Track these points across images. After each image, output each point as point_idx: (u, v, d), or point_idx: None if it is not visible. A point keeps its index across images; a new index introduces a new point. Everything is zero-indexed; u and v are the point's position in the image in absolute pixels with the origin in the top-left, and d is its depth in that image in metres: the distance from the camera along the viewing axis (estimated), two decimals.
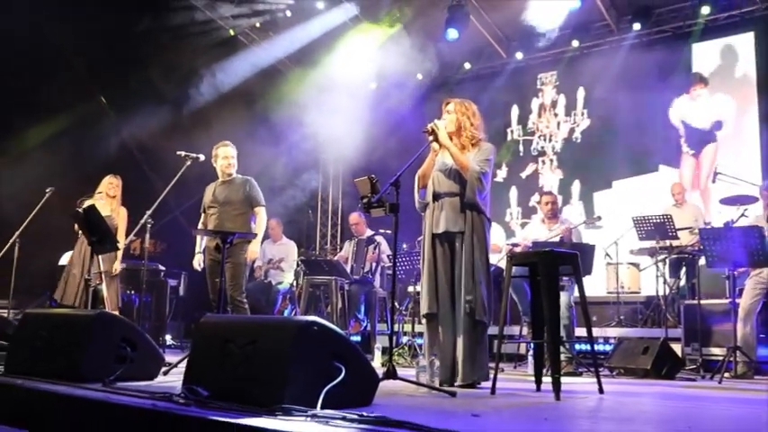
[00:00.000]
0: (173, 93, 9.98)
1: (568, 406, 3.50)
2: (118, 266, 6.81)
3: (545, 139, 11.44)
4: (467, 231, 4.45)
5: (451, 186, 4.56)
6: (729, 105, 9.88)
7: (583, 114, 11.07)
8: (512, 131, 11.71)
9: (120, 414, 2.86)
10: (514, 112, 11.73)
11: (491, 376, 4.13)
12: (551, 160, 11.32)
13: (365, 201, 4.16)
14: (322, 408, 2.65)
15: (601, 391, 4.07)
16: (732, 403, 4.07)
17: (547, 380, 4.00)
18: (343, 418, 2.46)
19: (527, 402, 3.70)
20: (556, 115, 11.38)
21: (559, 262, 4.00)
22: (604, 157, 10.56)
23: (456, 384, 4.30)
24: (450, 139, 4.61)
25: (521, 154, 11.61)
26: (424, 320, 4.58)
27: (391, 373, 3.88)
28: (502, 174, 11.65)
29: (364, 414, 2.49)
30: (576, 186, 10.98)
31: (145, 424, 2.74)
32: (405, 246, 8.12)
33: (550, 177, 11.26)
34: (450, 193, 4.55)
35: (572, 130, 11.17)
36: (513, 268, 4.38)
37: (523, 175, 11.52)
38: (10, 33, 7.64)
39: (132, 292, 8.19)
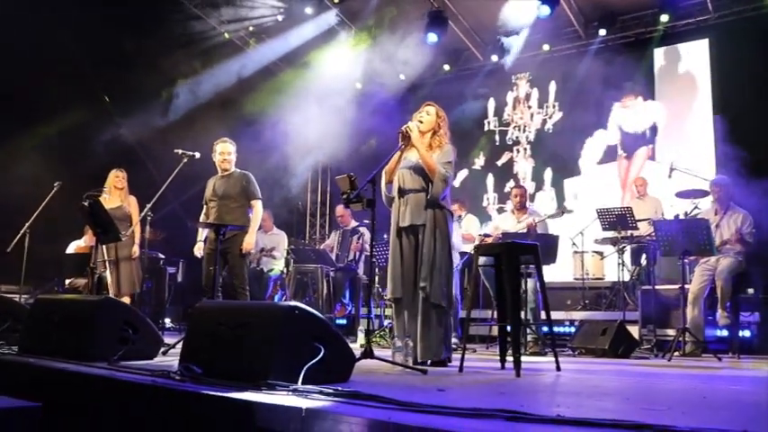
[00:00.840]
0: (171, 92, 10.10)
1: (527, 382, 3.67)
2: (136, 249, 6.90)
3: (519, 130, 11.62)
4: (429, 224, 4.60)
5: (416, 183, 4.69)
6: (662, 112, 10.27)
7: (554, 107, 11.27)
8: (488, 122, 11.87)
9: (123, 389, 3.02)
10: (491, 104, 11.89)
11: (448, 355, 4.34)
12: (525, 149, 11.52)
13: (345, 196, 4.32)
14: (303, 383, 2.79)
15: (558, 368, 4.26)
16: (673, 378, 4.26)
17: (511, 359, 4.17)
18: (320, 392, 2.61)
19: (490, 379, 3.87)
20: (529, 107, 11.58)
21: (520, 252, 4.17)
22: (574, 147, 10.80)
23: (418, 362, 4.43)
24: (423, 136, 4.78)
25: (497, 143, 11.79)
26: (392, 304, 4.76)
27: (368, 353, 4.04)
28: (480, 162, 11.89)
29: (339, 389, 2.64)
30: (548, 173, 11.20)
31: (145, 398, 2.89)
32: (386, 236, 8.27)
33: (524, 165, 11.47)
34: (415, 189, 4.69)
35: (544, 122, 11.37)
36: (484, 258, 4.57)
37: (499, 163, 11.73)
38: (17, 34, 7.70)
39: None
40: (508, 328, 4.22)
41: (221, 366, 3.00)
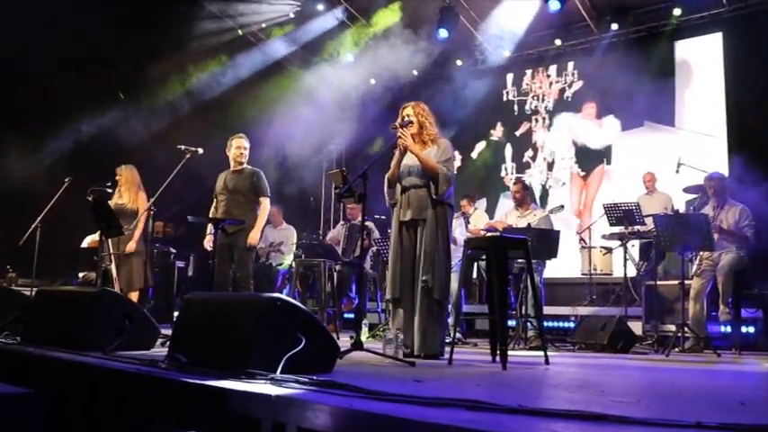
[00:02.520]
0: (186, 88, 10.24)
1: (511, 375, 3.73)
2: (133, 246, 6.92)
3: (538, 99, 11.65)
4: (429, 219, 4.69)
5: (417, 180, 4.80)
6: (615, 128, 10.50)
7: (573, 75, 11.28)
8: (506, 92, 11.93)
9: (111, 377, 3.15)
10: (510, 75, 11.93)
11: (441, 349, 4.43)
12: (544, 119, 11.55)
13: (337, 191, 4.42)
14: (285, 373, 2.89)
15: (547, 362, 4.33)
16: (660, 372, 4.30)
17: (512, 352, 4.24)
18: (296, 381, 2.72)
19: (474, 371, 3.95)
20: (548, 76, 11.60)
21: (509, 247, 4.24)
22: (594, 115, 10.79)
23: (414, 356, 4.52)
24: (414, 138, 4.86)
25: (515, 113, 11.82)
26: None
27: (358, 345, 4.13)
28: (498, 133, 11.96)
29: (314, 378, 2.74)
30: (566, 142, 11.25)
31: (131, 385, 3.03)
32: (389, 231, 8.35)
33: (543, 135, 11.52)
34: (416, 185, 4.79)
35: (563, 90, 11.39)
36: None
37: (518, 133, 11.77)
38: (28, 33, 7.88)
39: None
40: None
41: (206, 355, 3.11)
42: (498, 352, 3.98)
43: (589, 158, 10.82)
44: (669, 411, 2.52)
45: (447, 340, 4.89)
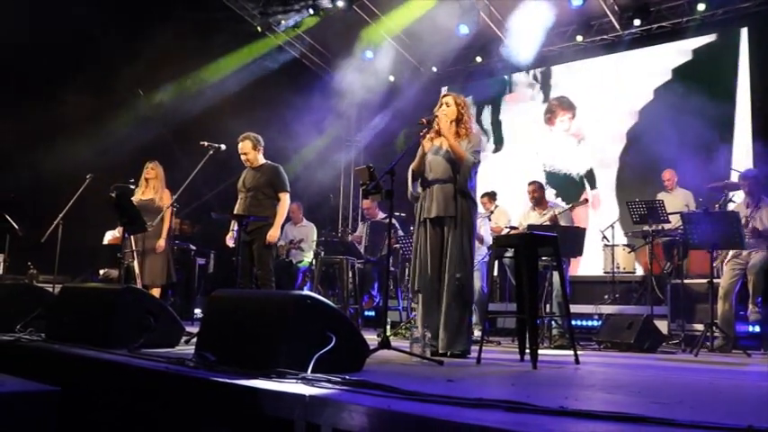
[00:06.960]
0: (206, 83, 10.21)
1: (542, 374, 3.65)
2: (162, 243, 6.84)
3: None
4: (458, 216, 4.59)
5: (443, 173, 4.69)
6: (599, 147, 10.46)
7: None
8: None
9: (138, 375, 3.10)
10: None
11: (468, 347, 4.34)
12: None
13: (364, 187, 4.35)
14: (315, 372, 2.82)
15: (577, 361, 4.24)
16: (693, 373, 4.19)
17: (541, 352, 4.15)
18: (328, 381, 2.64)
19: (505, 371, 3.86)
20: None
21: (539, 244, 4.14)
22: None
23: (440, 353, 4.44)
24: (450, 126, 4.79)
25: None
26: (417, 297, 4.77)
27: (385, 344, 4.06)
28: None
29: (346, 377, 2.67)
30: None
31: (159, 384, 2.96)
32: (412, 228, 8.27)
33: None
34: (442, 180, 4.68)
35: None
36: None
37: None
38: (48, 30, 7.87)
39: None
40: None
41: (234, 354, 3.05)
42: (530, 351, 3.88)
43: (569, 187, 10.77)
44: (715, 414, 2.44)
45: (473, 338, 4.82)
